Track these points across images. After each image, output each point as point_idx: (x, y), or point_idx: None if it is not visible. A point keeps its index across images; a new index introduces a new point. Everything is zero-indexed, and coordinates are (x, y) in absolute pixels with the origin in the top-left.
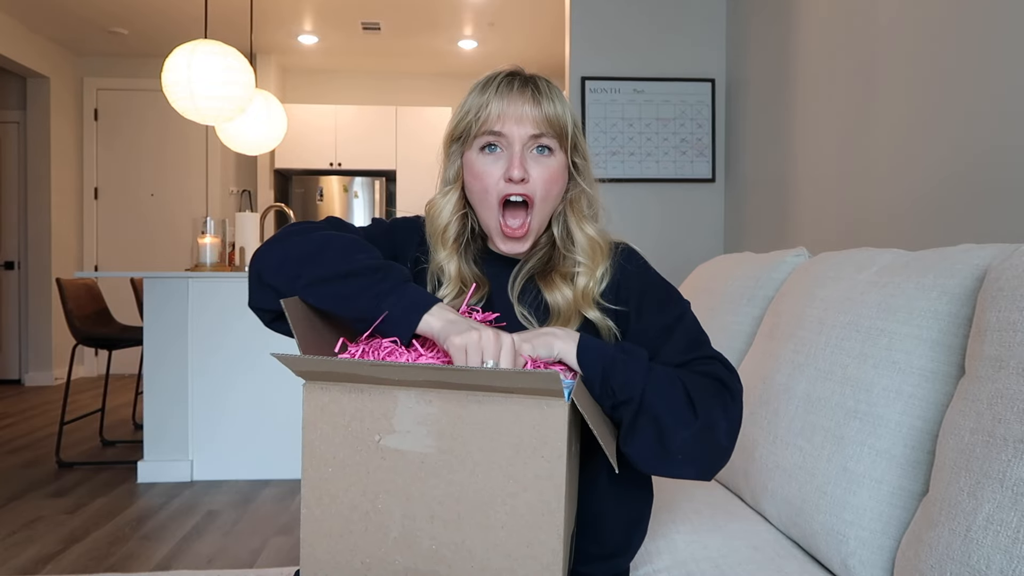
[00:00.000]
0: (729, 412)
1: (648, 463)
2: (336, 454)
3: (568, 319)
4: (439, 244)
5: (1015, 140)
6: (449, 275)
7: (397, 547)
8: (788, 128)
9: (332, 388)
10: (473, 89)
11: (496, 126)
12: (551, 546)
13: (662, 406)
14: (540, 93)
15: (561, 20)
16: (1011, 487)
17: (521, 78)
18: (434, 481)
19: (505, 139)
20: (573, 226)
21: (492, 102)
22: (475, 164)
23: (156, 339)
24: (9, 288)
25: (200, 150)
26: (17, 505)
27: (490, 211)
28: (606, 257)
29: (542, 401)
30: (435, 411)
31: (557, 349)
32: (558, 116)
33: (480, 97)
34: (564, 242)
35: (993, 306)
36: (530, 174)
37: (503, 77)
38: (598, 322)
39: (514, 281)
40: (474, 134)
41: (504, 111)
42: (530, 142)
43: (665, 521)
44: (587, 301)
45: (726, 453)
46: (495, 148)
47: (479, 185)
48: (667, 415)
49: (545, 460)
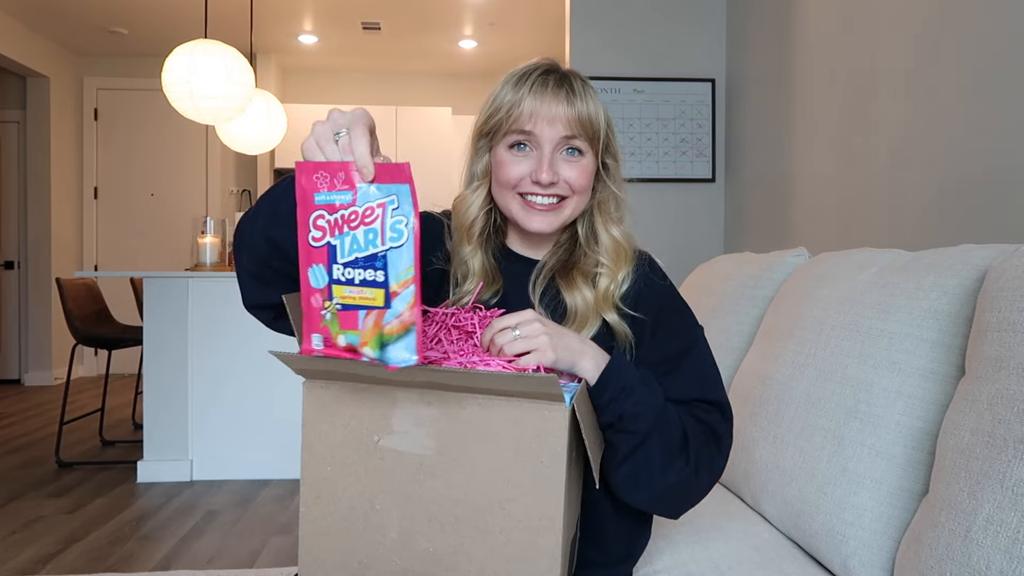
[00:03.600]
0: (715, 465)
1: (627, 492)
2: (335, 453)
3: (585, 321)
4: (464, 239)
5: (1015, 140)
6: (473, 270)
7: (395, 548)
8: (788, 128)
9: (332, 387)
10: (506, 82)
11: (527, 125)
12: (550, 552)
13: (660, 448)
14: (575, 94)
15: (561, 20)
16: (1011, 487)
17: (556, 76)
18: (432, 483)
19: (535, 139)
20: (599, 227)
21: (525, 100)
22: (503, 161)
23: (156, 339)
24: (9, 288)
25: (200, 150)
26: (17, 505)
27: (515, 202)
28: (630, 261)
29: (542, 406)
30: (434, 412)
31: (579, 368)
32: (591, 117)
33: (513, 94)
34: (588, 241)
35: (993, 306)
36: (559, 175)
37: (538, 75)
38: (615, 326)
39: (536, 279)
40: (504, 131)
41: (537, 110)
42: (561, 143)
43: (665, 521)
44: (607, 304)
45: (698, 499)
46: (524, 147)
47: (505, 181)
48: (661, 457)
49: (544, 465)
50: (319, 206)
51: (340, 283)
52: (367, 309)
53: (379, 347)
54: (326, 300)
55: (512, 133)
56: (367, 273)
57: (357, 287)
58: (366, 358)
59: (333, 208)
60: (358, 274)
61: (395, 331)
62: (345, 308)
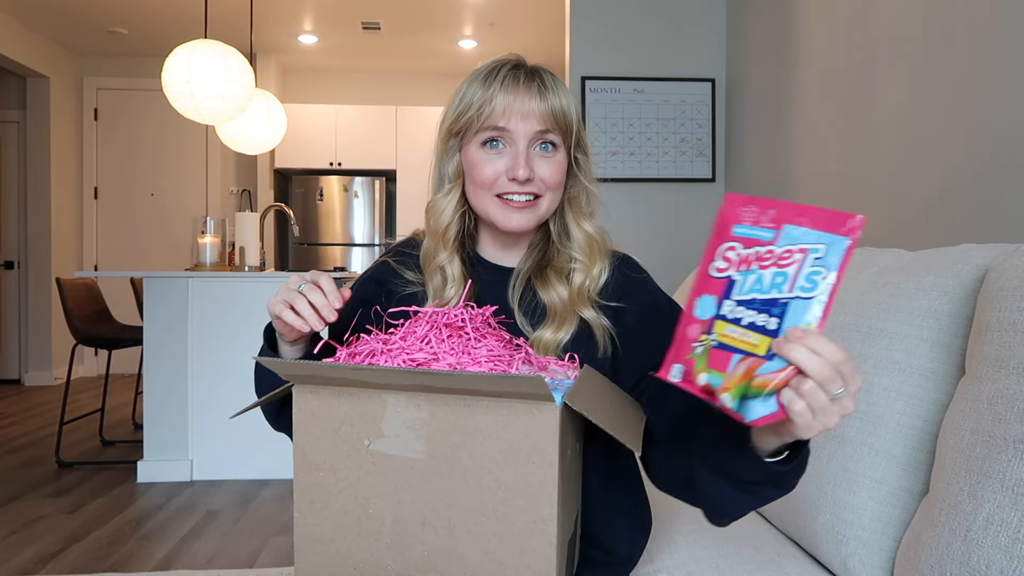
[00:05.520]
0: None
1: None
2: (327, 459)
3: (564, 319)
4: (440, 245)
5: (1015, 140)
6: (453, 276)
7: (389, 553)
8: (788, 128)
9: (322, 392)
10: (472, 79)
11: (500, 121)
12: (544, 554)
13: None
14: (546, 88)
15: (561, 20)
16: (1011, 487)
17: (527, 71)
18: (424, 487)
19: (509, 135)
20: (571, 223)
21: (497, 96)
22: (477, 160)
23: (156, 339)
24: (9, 288)
25: (200, 150)
26: (17, 505)
27: (492, 202)
28: (603, 255)
29: (532, 405)
30: (424, 415)
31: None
32: (564, 111)
33: (484, 90)
34: (560, 238)
35: (993, 306)
36: (535, 172)
37: (508, 69)
38: (593, 321)
39: (514, 285)
40: (476, 129)
41: (510, 106)
42: (535, 138)
43: (665, 521)
44: (583, 300)
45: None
46: (497, 144)
47: (481, 181)
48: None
49: (536, 466)
50: (735, 238)
51: (725, 320)
52: (743, 354)
53: (740, 397)
54: (703, 333)
55: (485, 130)
56: (760, 317)
57: (742, 329)
58: (719, 404)
59: (749, 243)
60: (749, 316)
61: (763, 387)
62: (720, 347)
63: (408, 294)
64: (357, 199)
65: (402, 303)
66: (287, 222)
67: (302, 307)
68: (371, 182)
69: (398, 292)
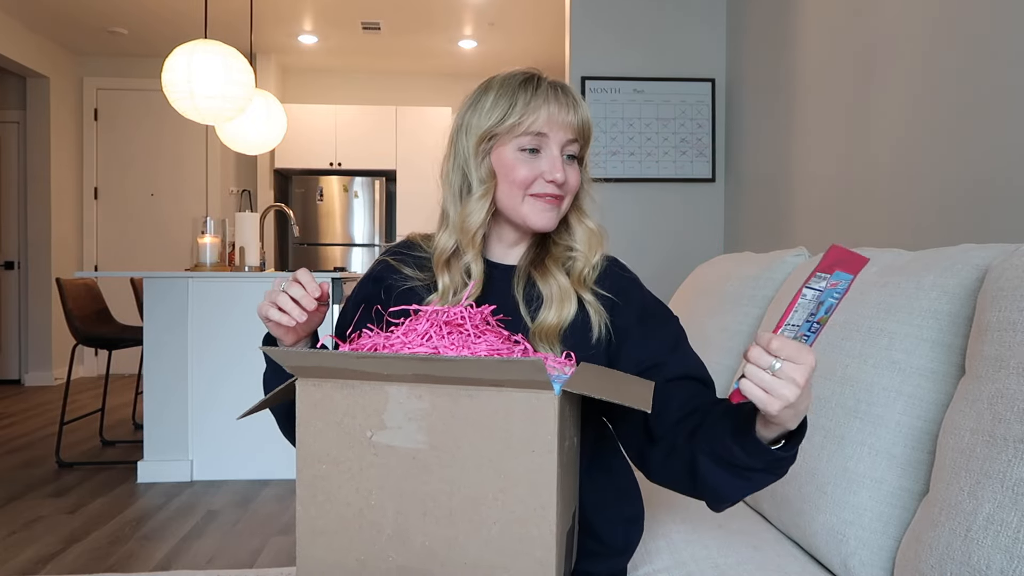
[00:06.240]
0: None
1: (719, 505)
2: (329, 451)
3: (563, 303)
4: (469, 245)
5: (1015, 140)
6: (476, 275)
7: (391, 544)
8: (788, 128)
9: (324, 384)
10: (506, 87)
11: (544, 129)
12: (545, 542)
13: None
14: (577, 103)
15: (561, 20)
16: (1011, 487)
17: (560, 85)
18: (426, 477)
19: (547, 142)
20: (574, 220)
21: (542, 107)
22: (514, 162)
23: (156, 339)
24: (9, 288)
25: (200, 150)
26: (17, 505)
27: (526, 201)
28: (601, 247)
29: (531, 394)
30: (425, 406)
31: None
32: (588, 124)
33: (526, 99)
34: (559, 233)
35: (993, 306)
36: (566, 176)
37: (547, 83)
38: (591, 305)
39: (517, 280)
40: (517, 134)
41: (553, 116)
42: (566, 147)
43: (665, 521)
44: (581, 285)
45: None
46: (535, 150)
47: (520, 181)
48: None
49: (536, 454)
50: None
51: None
52: None
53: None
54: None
55: (526, 135)
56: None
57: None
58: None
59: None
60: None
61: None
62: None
63: (407, 288)
64: (357, 199)
65: (401, 298)
66: (287, 222)
67: (284, 302)
68: (371, 182)
69: (397, 287)
